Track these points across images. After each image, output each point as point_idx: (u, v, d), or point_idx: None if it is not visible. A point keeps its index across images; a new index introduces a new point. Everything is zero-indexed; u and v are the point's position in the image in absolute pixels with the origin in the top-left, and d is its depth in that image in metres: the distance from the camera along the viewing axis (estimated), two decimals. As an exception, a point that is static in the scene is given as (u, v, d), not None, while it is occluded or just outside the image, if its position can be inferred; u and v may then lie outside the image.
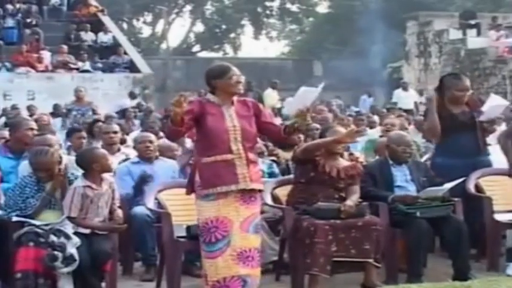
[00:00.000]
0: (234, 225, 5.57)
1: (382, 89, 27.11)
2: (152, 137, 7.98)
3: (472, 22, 25.26)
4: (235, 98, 5.75)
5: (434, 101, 7.58)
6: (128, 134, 11.72)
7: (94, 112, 15.53)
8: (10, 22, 23.27)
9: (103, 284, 6.10)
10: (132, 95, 20.28)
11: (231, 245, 5.55)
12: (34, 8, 24.04)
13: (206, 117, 5.60)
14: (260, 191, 5.81)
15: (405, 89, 21.42)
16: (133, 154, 8.21)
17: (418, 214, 6.63)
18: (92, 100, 16.69)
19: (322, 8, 43.99)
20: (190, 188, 5.76)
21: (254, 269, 5.63)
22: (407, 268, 6.66)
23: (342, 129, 6.85)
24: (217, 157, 5.58)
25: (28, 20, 23.35)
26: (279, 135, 5.87)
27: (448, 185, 6.88)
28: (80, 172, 6.21)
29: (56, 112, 16.88)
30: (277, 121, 5.85)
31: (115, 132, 8.74)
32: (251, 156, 5.66)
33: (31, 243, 5.82)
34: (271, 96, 19.90)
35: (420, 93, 22.20)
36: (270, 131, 5.86)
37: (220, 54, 43.64)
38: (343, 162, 6.76)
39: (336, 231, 6.30)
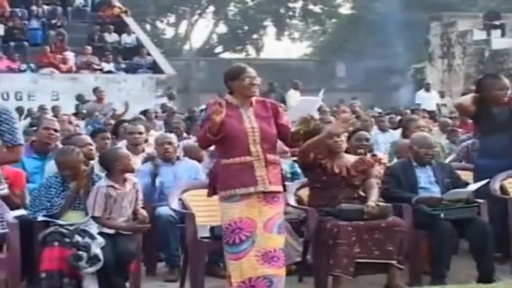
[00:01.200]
0: (257, 225, 5.55)
1: (405, 90, 26.99)
2: (172, 138, 7.99)
3: (497, 23, 25.09)
4: (254, 99, 5.72)
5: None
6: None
7: (114, 113, 15.65)
8: (35, 23, 23.42)
9: (127, 284, 6.12)
10: (170, 96, 20.35)
11: (256, 245, 5.53)
12: (59, 9, 24.18)
13: (225, 119, 5.54)
14: (280, 192, 5.76)
15: (428, 90, 21.33)
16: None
17: (442, 216, 6.61)
18: (116, 100, 16.76)
19: (345, 9, 43.93)
20: (212, 190, 5.77)
21: (279, 269, 5.60)
22: (430, 270, 6.65)
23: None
24: (236, 159, 5.56)
25: (53, 21, 23.49)
26: (288, 139, 5.83)
27: (473, 187, 6.86)
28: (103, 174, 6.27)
29: (79, 113, 16.98)
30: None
31: (140, 133, 8.76)
32: (270, 157, 5.62)
33: (56, 243, 5.85)
34: (293, 97, 19.87)
35: (442, 95, 22.07)
36: (283, 134, 5.77)
37: (242, 55, 43.64)
38: (350, 159, 6.73)
39: (359, 233, 6.30)
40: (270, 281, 5.54)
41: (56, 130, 7.73)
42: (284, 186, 5.79)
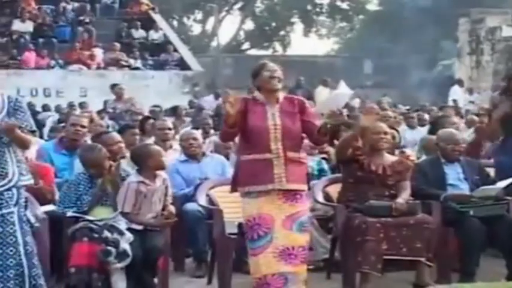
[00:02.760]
0: (276, 222, 5.56)
1: (433, 87, 26.85)
2: (196, 134, 8.01)
3: (526, 19, 24.92)
4: (281, 96, 5.73)
5: (500, 106, 7.50)
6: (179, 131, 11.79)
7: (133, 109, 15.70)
8: (63, 20, 23.56)
9: (155, 280, 6.14)
10: (216, 96, 20.40)
11: (273, 242, 5.54)
12: (87, 6, 24.30)
13: (248, 115, 5.60)
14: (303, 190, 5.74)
15: (461, 86, 21.19)
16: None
17: (471, 213, 6.58)
18: (143, 97, 16.80)
19: (373, 6, 43.79)
20: (234, 186, 5.78)
21: (297, 266, 5.60)
22: (460, 267, 6.62)
23: (382, 125, 6.81)
24: (256, 156, 5.58)
25: (81, 18, 23.61)
26: (313, 135, 5.82)
27: (502, 184, 6.81)
28: (132, 169, 6.28)
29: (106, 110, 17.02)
30: (319, 122, 5.78)
31: (169, 129, 8.81)
32: (291, 155, 5.61)
33: (85, 239, 5.88)
34: (322, 94, 19.84)
35: (470, 91, 21.93)
36: (308, 130, 5.76)
37: (269, 52, 43.61)
38: (390, 158, 6.70)
39: (388, 230, 6.27)
40: (285, 278, 5.56)
41: (83, 126, 7.77)
42: (308, 185, 5.78)
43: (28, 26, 22.57)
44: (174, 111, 15.75)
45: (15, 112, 5.24)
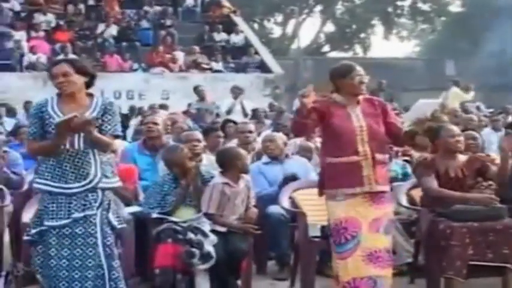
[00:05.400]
0: (363, 225, 5.51)
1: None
2: (275, 136, 8.03)
3: None
4: (361, 97, 5.66)
5: None
6: (259, 134, 11.83)
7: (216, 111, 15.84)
8: (146, 24, 23.89)
9: (238, 282, 6.17)
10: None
11: (361, 245, 5.49)
12: (169, 9, 24.58)
13: (332, 117, 5.52)
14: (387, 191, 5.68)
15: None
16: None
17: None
18: (224, 100, 16.92)
19: (455, 7, 43.24)
20: (321, 189, 5.75)
21: (384, 269, 5.55)
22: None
23: (454, 127, 6.71)
24: (343, 159, 5.51)
25: (163, 22, 23.90)
26: (398, 138, 5.75)
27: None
28: (215, 171, 6.33)
29: (189, 111, 17.19)
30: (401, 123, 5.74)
31: (250, 132, 8.86)
32: (378, 156, 5.55)
33: (170, 240, 5.95)
34: (457, 94, 19.37)
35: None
36: (391, 132, 5.69)
37: (349, 54, 43.44)
38: (463, 159, 6.59)
39: (473, 234, 6.15)
40: (374, 281, 5.51)
41: (154, 123, 7.86)
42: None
43: (112, 30, 22.96)
44: (253, 113, 15.82)
45: (104, 115, 5.27)
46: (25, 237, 5.36)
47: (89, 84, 5.37)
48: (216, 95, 18.02)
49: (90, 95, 5.36)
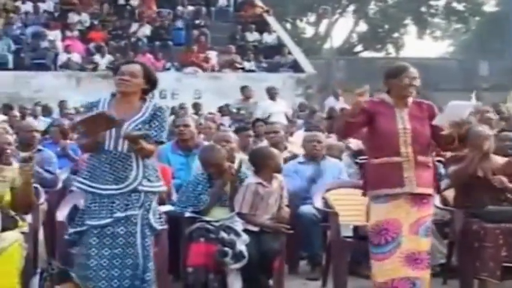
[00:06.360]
0: (403, 227, 5.49)
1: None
2: (321, 136, 8.02)
3: None
4: (410, 100, 5.63)
5: None
6: (291, 134, 11.85)
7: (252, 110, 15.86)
8: (179, 23, 23.98)
9: (270, 282, 6.17)
10: (336, 96, 20.28)
11: (401, 247, 5.47)
12: (203, 9, 24.66)
13: (377, 117, 5.53)
14: (430, 195, 5.66)
15: None
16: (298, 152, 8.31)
17: None
18: (256, 99, 16.96)
19: (489, 7, 42.94)
20: (364, 190, 5.73)
21: (423, 271, 5.52)
22: None
23: (482, 128, 6.67)
24: (385, 159, 5.51)
25: (196, 22, 23.99)
26: (441, 142, 5.72)
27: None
28: (249, 171, 6.34)
29: (223, 111, 17.25)
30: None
31: (275, 132, 8.90)
32: (421, 159, 5.53)
33: (202, 239, 5.96)
34: None
35: None
36: (437, 136, 5.65)
37: (382, 54, 43.31)
38: (498, 160, 6.55)
39: (507, 236, 6.13)
40: (412, 283, 5.48)
41: (186, 125, 7.88)
42: (438, 188, 5.69)
43: (145, 29, 23.09)
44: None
45: (152, 120, 5.32)
46: (65, 237, 5.45)
47: (146, 92, 5.41)
48: (249, 94, 18.04)
49: (144, 99, 5.42)
